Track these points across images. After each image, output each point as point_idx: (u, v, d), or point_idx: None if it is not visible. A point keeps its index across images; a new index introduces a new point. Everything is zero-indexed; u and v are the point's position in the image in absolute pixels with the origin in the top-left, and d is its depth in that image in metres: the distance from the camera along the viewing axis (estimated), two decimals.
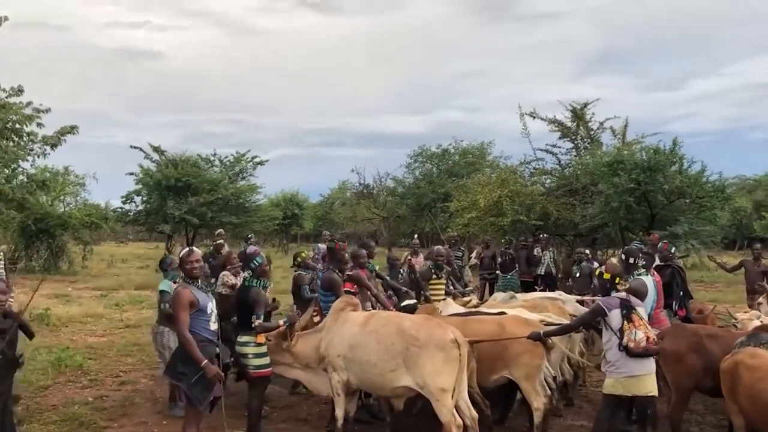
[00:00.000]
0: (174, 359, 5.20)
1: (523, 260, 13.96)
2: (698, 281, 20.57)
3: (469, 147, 28.48)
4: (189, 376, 4.96)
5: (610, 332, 5.35)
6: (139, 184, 25.20)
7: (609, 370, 5.39)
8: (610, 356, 5.35)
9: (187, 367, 4.97)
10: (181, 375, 5.00)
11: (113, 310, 14.22)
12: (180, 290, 5.04)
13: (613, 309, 5.39)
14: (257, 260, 6.29)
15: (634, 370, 5.30)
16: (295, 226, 43.76)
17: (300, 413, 7.25)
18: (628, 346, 5.23)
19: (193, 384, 4.96)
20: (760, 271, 10.69)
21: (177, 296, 5.02)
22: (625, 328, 5.28)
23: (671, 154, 14.94)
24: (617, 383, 5.35)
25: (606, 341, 5.41)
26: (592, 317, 5.57)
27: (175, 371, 5.08)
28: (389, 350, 5.54)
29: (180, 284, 5.17)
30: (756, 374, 4.99)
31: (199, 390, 4.99)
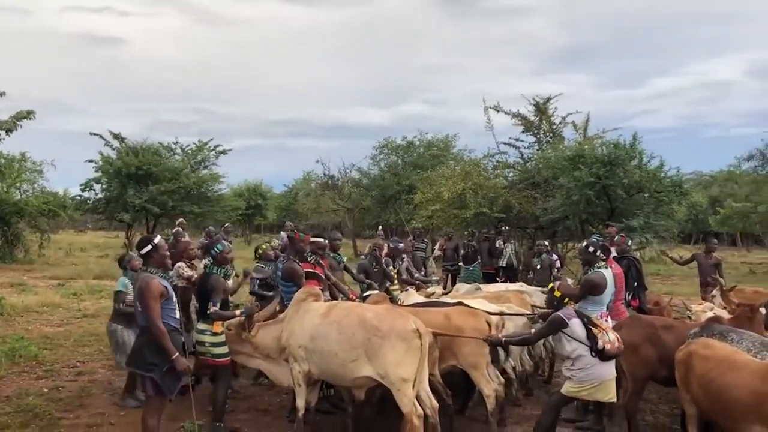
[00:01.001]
0: (140, 350, 5.08)
1: (485, 252, 14.13)
2: (655, 274, 21.03)
3: (433, 140, 28.65)
4: (160, 367, 4.94)
5: (576, 342, 5.41)
6: (98, 171, 24.67)
7: (576, 376, 5.43)
8: (581, 364, 5.39)
9: (157, 358, 4.94)
10: (151, 366, 4.95)
11: (70, 300, 13.93)
12: (149, 281, 4.95)
13: (572, 318, 5.49)
14: (218, 247, 6.27)
15: (603, 376, 5.41)
16: (259, 217, 43.37)
17: (261, 404, 7.21)
18: (605, 349, 5.32)
19: (164, 374, 4.96)
20: (712, 263, 11.01)
21: (148, 287, 4.92)
22: (596, 333, 5.38)
23: (631, 149, 15.22)
24: (582, 389, 5.44)
25: (572, 351, 5.43)
26: (551, 330, 5.60)
27: (143, 362, 5.00)
28: (350, 340, 5.54)
29: (147, 274, 5.04)
30: (708, 364, 5.12)
31: (170, 380, 5.00)
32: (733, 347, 5.30)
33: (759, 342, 5.36)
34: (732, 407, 4.85)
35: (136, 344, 5.24)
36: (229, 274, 6.40)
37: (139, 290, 5.00)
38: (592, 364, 5.36)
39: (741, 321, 6.28)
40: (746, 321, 6.28)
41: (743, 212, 26.96)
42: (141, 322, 5.11)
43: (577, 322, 5.46)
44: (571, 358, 5.44)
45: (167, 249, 5.37)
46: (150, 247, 5.10)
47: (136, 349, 5.16)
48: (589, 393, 5.46)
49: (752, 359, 5.07)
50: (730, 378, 4.90)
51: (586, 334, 5.40)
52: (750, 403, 4.70)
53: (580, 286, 6.56)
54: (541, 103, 19.39)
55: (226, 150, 27.02)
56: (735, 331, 5.62)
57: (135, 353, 5.14)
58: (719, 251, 12.49)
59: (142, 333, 5.13)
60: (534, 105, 19.44)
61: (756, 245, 39.13)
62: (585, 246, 6.64)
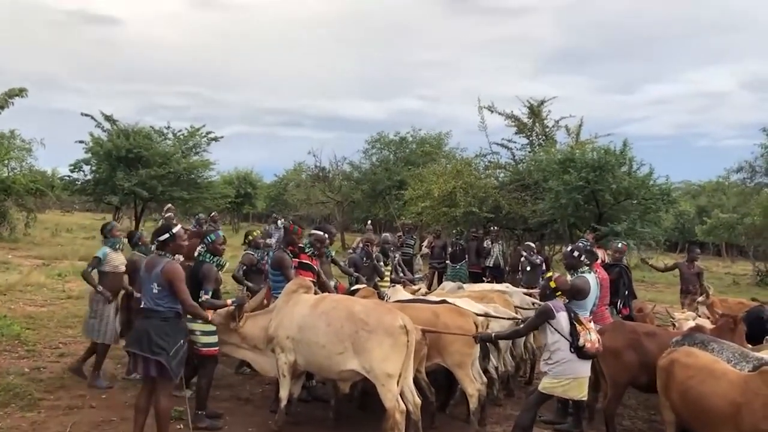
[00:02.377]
0: (145, 333, 5.08)
1: (472, 251, 14.17)
2: (639, 281, 21.16)
3: (426, 136, 28.68)
4: (168, 350, 5.02)
5: (558, 335, 5.51)
6: (88, 152, 24.46)
7: (553, 371, 5.54)
8: (558, 357, 5.50)
9: (165, 341, 5.03)
10: (157, 349, 5.00)
11: (55, 281, 13.84)
12: (177, 265, 5.17)
13: (560, 311, 5.57)
14: (211, 236, 6.28)
15: (578, 373, 5.52)
16: (248, 205, 43.25)
17: (242, 393, 7.22)
18: (585, 347, 5.42)
19: (171, 357, 5.04)
20: (694, 272, 11.15)
21: (176, 269, 5.11)
22: (580, 330, 5.48)
23: (621, 155, 15.31)
24: (558, 385, 5.53)
25: (552, 343, 5.54)
26: (540, 320, 5.68)
27: (149, 345, 5.02)
28: (338, 333, 5.56)
29: (170, 260, 5.19)
30: (688, 372, 5.19)
31: (176, 363, 5.10)
32: (714, 357, 5.37)
33: (739, 353, 5.42)
34: (710, 415, 4.92)
35: (139, 326, 5.23)
36: (222, 264, 6.39)
37: (169, 273, 5.06)
38: (568, 359, 5.47)
39: (723, 332, 6.37)
40: (728, 332, 6.36)
41: (729, 223, 27.15)
42: (150, 305, 5.14)
43: (563, 316, 5.57)
44: (550, 351, 5.55)
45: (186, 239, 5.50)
46: (168, 235, 5.26)
47: (141, 331, 5.14)
48: (564, 390, 5.55)
49: (732, 369, 5.14)
50: (709, 387, 4.97)
51: (570, 330, 5.50)
52: (727, 412, 4.78)
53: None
54: (535, 106, 19.48)
55: (217, 137, 26.90)
56: (716, 341, 5.68)
57: (140, 335, 5.12)
58: (704, 261, 12.63)
59: (147, 316, 5.15)
60: (528, 107, 19.52)
61: (740, 256, 39.44)
62: (570, 250, 6.65)
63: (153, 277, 5.12)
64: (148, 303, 5.15)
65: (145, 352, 5.04)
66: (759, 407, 4.61)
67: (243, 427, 6.12)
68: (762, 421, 4.59)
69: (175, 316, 5.16)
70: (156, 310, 5.11)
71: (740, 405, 4.71)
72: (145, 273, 5.24)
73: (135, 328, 5.41)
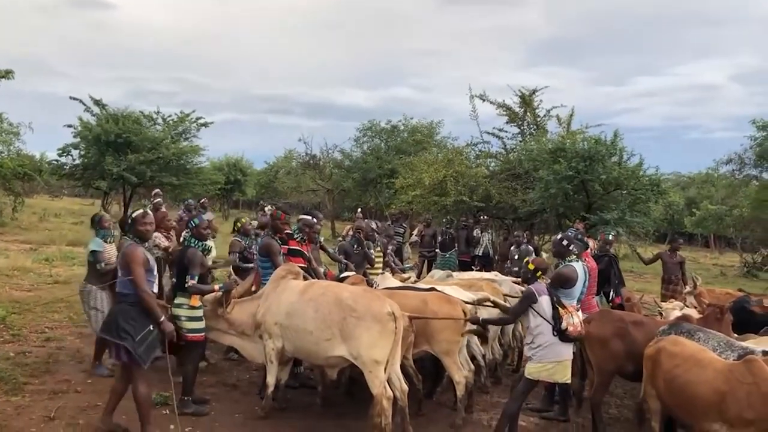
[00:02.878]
0: (114, 318, 5.06)
1: (462, 240, 14.19)
2: (628, 271, 21.25)
3: (418, 125, 28.59)
4: (133, 335, 4.94)
5: (540, 318, 5.54)
6: (77, 137, 24.20)
7: (536, 355, 5.56)
8: (541, 341, 5.53)
9: (131, 326, 4.95)
10: (124, 334, 4.93)
11: (42, 265, 13.76)
12: (134, 248, 5.07)
13: (543, 295, 5.60)
14: (194, 221, 6.24)
15: (561, 355, 5.55)
16: (238, 192, 43.09)
17: (230, 379, 7.22)
18: (567, 330, 5.45)
19: (137, 342, 4.95)
20: (677, 262, 11.28)
21: (132, 253, 5.02)
22: (563, 314, 5.51)
23: (611, 145, 15.28)
24: (543, 369, 5.55)
25: (535, 327, 5.57)
26: (525, 305, 5.69)
27: (116, 330, 4.96)
28: (326, 319, 5.55)
29: (131, 243, 5.15)
30: (675, 360, 5.21)
31: (144, 349, 4.99)
32: (700, 346, 5.39)
33: (725, 342, 5.46)
34: (694, 404, 4.95)
35: (111, 311, 5.21)
36: (208, 249, 6.35)
37: (123, 257, 5.07)
38: (551, 342, 5.50)
39: (710, 321, 6.40)
40: (715, 321, 6.39)
41: (718, 215, 27.33)
42: (120, 289, 5.11)
43: (546, 300, 5.59)
44: (532, 335, 5.59)
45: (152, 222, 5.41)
46: (129, 220, 5.29)
47: (110, 317, 5.14)
48: (549, 373, 5.57)
49: (717, 358, 5.17)
50: (694, 375, 5.00)
51: (552, 313, 5.53)
52: (712, 400, 4.80)
53: (550, 278, 6.61)
54: (526, 95, 19.41)
55: (207, 122, 26.68)
56: (702, 331, 5.71)
57: (109, 321, 5.11)
58: (692, 252, 12.72)
59: (119, 301, 5.14)
60: (519, 96, 19.46)
61: (728, 248, 39.72)
62: (559, 238, 6.59)
63: (120, 262, 5.16)
64: (119, 287, 5.14)
65: (113, 337, 4.99)
66: (743, 396, 4.64)
67: (230, 413, 6.11)
68: (746, 410, 4.62)
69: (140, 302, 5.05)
70: (124, 294, 5.08)
71: (725, 393, 4.74)
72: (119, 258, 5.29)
73: (108, 312, 5.43)
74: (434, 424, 6.15)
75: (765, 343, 5.66)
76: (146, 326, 5.03)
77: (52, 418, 5.59)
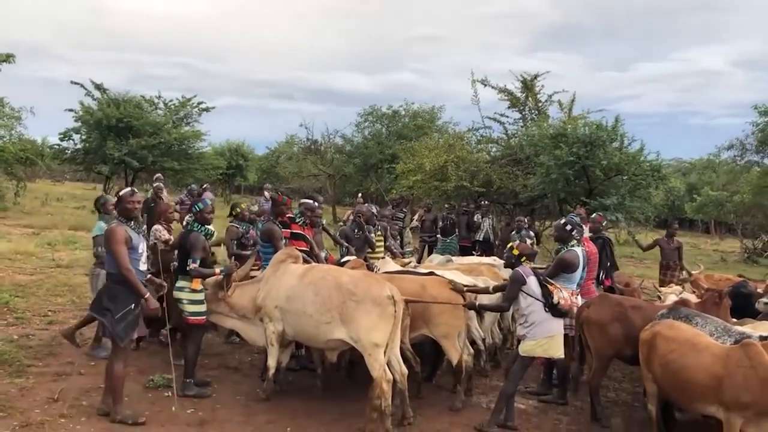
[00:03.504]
0: (99, 295, 5.22)
1: (463, 225, 14.20)
2: (629, 257, 21.35)
3: (419, 110, 28.49)
4: (113, 313, 5.03)
5: (531, 298, 5.67)
6: (78, 121, 24.25)
7: (530, 333, 5.68)
8: (533, 318, 5.65)
9: (113, 304, 5.05)
10: (105, 311, 5.06)
11: (45, 249, 13.81)
12: (114, 227, 5.15)
13: (530, 276, 5.75)
14: (198, 205, 6.28)
15: (554, 330, 5.70)
16: (239, 178, 43.04)
17: (231, 362, 7.28)
18: (559, 304, 5.62)
19: (116, 321, 5.05)
20: (674, 247, 11.38)
21: (112, 232, 5.10)
22: (552, 289, 5.68)
23: (612, 131, 15.28)
24: (537, 345, 5.67)
25: (526, 307, 5.69)
26: (516, 288, 5.76)
27: (99, 307, 5.12)
28: (326, 303, 5.60)
29: (114, 222, 5.26)
30: (671, 345, 5.26)
31: (122, 327, 5.08)
32: (697, 330, 5.43)
33: (722, 327, 5.50)
34: (691, 387, 5.01)
35: (100, 289, 5.35)
36: (210, 233, 6.37)
37: (105, 236, 5.21)
38: (543, 319, 5.64)
39: (708, 306, 6.43)
40: (713, 306, 6.43)
41: (719, 201, 27.28)
42: (107, 268, 5.24)
43: (533, 280, 5.73)
44: (525, 314, 5.70)
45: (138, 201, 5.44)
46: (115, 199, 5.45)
47: (98, 293, 5.32)
48: (544, 349, 5.68)
49: (714, 342, 5.21)
50: (691, 359, 5.05)
51: (541, 292, 5.67)
52: (709, 384, 4.86)
53: (553, 263, 6.65)
54: (528, 80, 19.38)
55: (209, 107, 26.71)
56: (700, 315, 5.75)
57: (96, 297, 5.29)
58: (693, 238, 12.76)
59: (107, 280, 5.27)
60: (521, 81, 19.42)
61: (729, 234, 39.70)
62: (563, 223, 6.64)
63: (104, 241, 5.31)
64: (107, 266, 5.27)
65: (96, 312, 5.16)
66: (740, 380, 4.70)
67: (231, 395, 6.17)
68: (743, 394, 4.68)
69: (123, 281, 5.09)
70: (111, 273, 5.19)
71: (722, 378, 4.80)
72: None
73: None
74: (433, 407, 6.21)
75: (762, 329, 5.70)
76: (128, 305, 5.10)
77: (55, 399, 5.65)
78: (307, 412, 5.85)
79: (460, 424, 5.85)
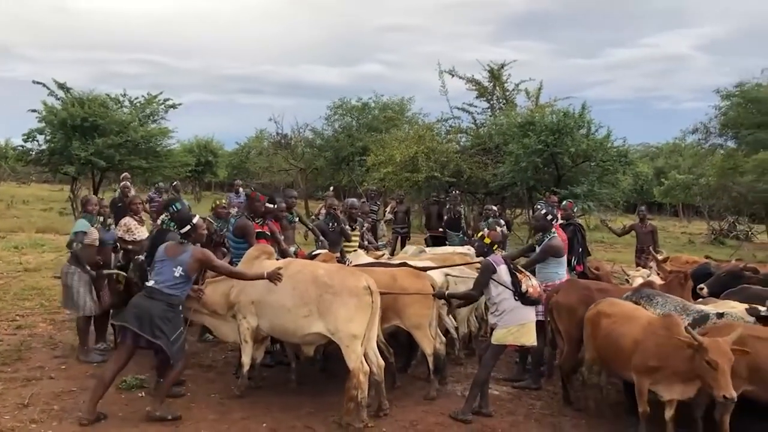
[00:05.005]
0: (148, 314, 5.15)
1: (434, 216, 14.23)
2: (599, 242, 21.64)
3: (389, 102, 28.51)
4: (168, 336, 5.16)
5: (501, 287, 5.74)
6: (42, 122, 23.71)
7: (501, 321, 5.75)
8: (504, 306, 5.72)
9: (168, 327, 5.17)
10: (160, 333, 5.13)
11: (11, 253, 13.56)
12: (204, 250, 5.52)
13: (500, 264, 5.81)
14: (176, 206, 6.26)
15: (525, 318, 5.77)
16: (209, 174, 42.71)
17: (205, 360, 7.25)
18: (528, 292, 5.68)
19: (172, 342, 5.18)
20: (648, 231, 11.62)
21: (205, 252, 5.48)
22: (521, 278, 5.75)
23: (579, 118, 15.48)
24: (509, 333, 5.74)
25: (497, 295, 5.76)
26: (486, 277, 5.82)
27: (152, 328, 5.12)
28: (303, 296, 5.60)
29: (196, 247, 5.47)
30: (611, 319, 5.59)
31: (177, 349, 5.25)
32: (637, 306, 5.79)
33: (681, 306, 5.73)
34: (620, 355, 5.34)
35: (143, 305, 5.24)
36: None
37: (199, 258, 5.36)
38: (513, 307, 5.71)
39: (673, 287, 6.57)
40: (678, 287, 6.56)
41: (685, 184, 27.81)
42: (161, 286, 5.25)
43: (504, 269, 5.79)
44: (496, 303, 5.77)
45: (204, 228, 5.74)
46: (189, 227, 5.48)
47: (143, 311, 5.19)
48: (515, 337, 5.75)
49: (650, 314, 5.54)
50: (624, 329, 5.38)
51: (511, 280, 5.73)
52: (630, 349, 5.19)
53: (540, 250, 6.84)
54: (495, 69, 19.50)
55: (175, 104, 26.28)
56: (661, 295, 5.99)
57: (142, 315, 5.17)
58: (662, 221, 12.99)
59: (153, 295, 5.24)
60: (488, 71, 19.54)
61: (696, 216, 40.46)
62: (544, 213, 6.92)
63: (176, 261, 5.29)
64: (160, 284, 5.24)
65: (145, 333, 5.13)
66: (652, 345, 5.00)
67: (206, 393, 6.14)
68: (651, 358, 5.00)
69: (179, 305, 5.32)
70: (166, 294, 5.22)
71: (639, 342, 5.13)
72: (165, 256, 5.36)
73: (135, 304, 5.34)
74: (409, 397, 6.25)
75: (725, 307, 5.83)
76: (179, 328, 5.31)
77: (26, 404, 5.57)
78: (283, 407, 5.84)
79: (435, 412, 5.89)
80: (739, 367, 4.75)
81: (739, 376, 4.76)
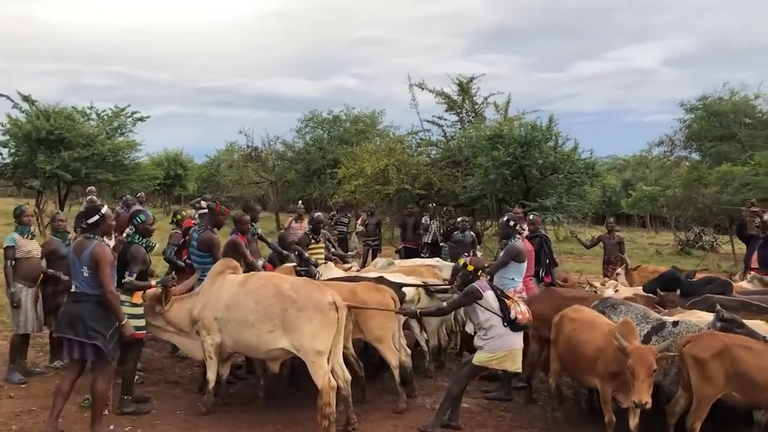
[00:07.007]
0: (79, 318, 5.02)
1: (409, 228, 14.27)
2: (568, 253, 21.82)
3: (360, 115, 28.55)
4: (104, 334, 5.02)
5: (489, 313, 5.65)
6: (6, 135, 23.29)
7: (488, 346, 5.66)
8: (494, 333, 5.63)
9: (101, 325, 5.03)
10: (95, 333, 5.00)
11: None
12: (105, 248, 5.11)
13: (487, 290, 5.74)
14: (141, 217, 6.15)
15: (513, 345, 5.71)
16: (179, 187, 42.18)
17: (171, 376, 7.13)
18: (517, 319, 5.62)
19: (108, 340, 5.05)
20: (615, 242, 11.73)
21: (104, 252, 5.05)
22: (509, 304, 5.69)
23: (547, 130, 15.67)
24: (493, 358, 5.67)
25: (485, 321, 5.66)
26: (467, 300, 5.77)
27: (86, 330, 4.99)
28: (267, 311, 5.52)
29: (100, 242, 5.13)
30: (573, 325, 5.74)
31: (113, 346, 5.11)
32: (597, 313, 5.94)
33: (642, 314, 5.84)
34: (582, 361, 5.46)
35: (73, 311, 5.11)
36: (151, 246, 6.23)
37: (93, 256, 5.01)
38: (503, 334, 5.63)
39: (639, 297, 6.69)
40: (643, 297, 6.68)
41: (652, 195, 28.19)
42: (82, 288, 5.07)
43: (491, 294, 5.73)
44: (485, 328, 5.67)
45: (113, 219, 5.48)
46: (98, 217, 5.20)
47: (75, 317, 5.05)
48: (500, 362, 5.71)
49: (609, 322, 5.66)
50: (585, 335, 5.50)
51: (500, 306, 5.67)
52: (593, 357, 5.28)
53: (503, 252, 6.93)
54: (464, 83, 19.66)
55: (144, 117, 26.00)
56: (625, 304, 6.17)
57: (74, 320, 5.04)
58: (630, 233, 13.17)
59: (78, 299, 5.09)
60: (457, 84, 19.69)
61: (663, 227, 41.05)
62: (506, 220, 7.12)
63: (83, 260, 5.06)
64: (80, 287, 5.09)
65: (80, 336, 5.01)
66: (612, 352, 5.04)
67: (171, 410, 6.03)
68: (611, 364, 5.07)
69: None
70: (89, 294, 5.07)
71: (601, 350, 5.22)
72: (74, 256, 5.15)
73: (65, 312, 5.29)
74: (378, 410, 6.21)
75: (692, 317, 5.91)
76: (113, 324, 5.11)
77: None
78: (250, 423, 5.76)
79: (404, 426, 5.85)
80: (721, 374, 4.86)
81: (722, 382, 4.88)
